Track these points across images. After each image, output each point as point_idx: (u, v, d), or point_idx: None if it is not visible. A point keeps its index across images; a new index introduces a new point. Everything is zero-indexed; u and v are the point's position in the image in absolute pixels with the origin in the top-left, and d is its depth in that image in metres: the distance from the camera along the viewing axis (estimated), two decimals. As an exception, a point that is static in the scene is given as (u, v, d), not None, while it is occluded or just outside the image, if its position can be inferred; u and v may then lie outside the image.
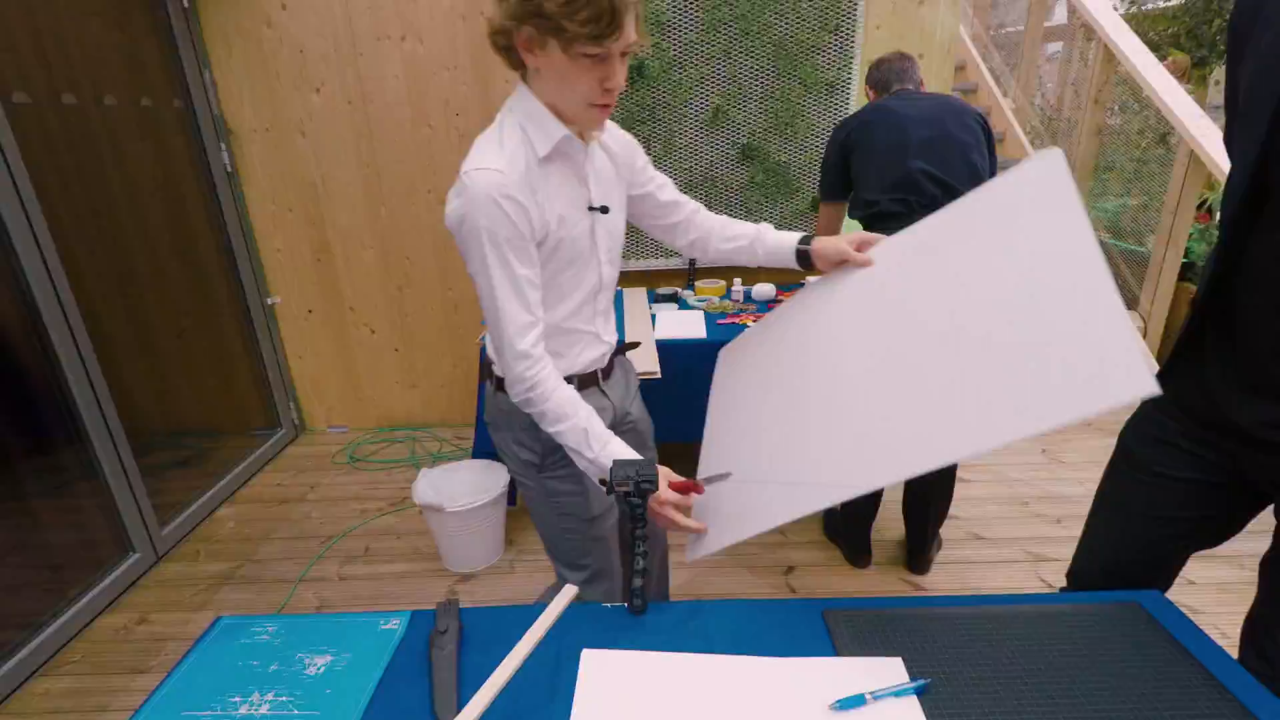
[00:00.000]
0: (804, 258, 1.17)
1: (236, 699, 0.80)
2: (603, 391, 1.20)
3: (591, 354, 1.16)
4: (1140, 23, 5.70)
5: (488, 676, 0.81)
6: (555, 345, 1.09)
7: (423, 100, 2.72)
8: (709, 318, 2.37)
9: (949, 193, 1.79)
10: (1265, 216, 0.80)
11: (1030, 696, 0.75)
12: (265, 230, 2.90)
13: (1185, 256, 3.32)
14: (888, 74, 2.01)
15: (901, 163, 1.80)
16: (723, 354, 1.39)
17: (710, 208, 1.46)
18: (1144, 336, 3.40)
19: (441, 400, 3.24)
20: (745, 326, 2.24)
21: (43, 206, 1.89)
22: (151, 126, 2.41)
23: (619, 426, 1.27)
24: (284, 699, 0.79)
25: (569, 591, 0.97)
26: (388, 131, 2.77)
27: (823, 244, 1.14)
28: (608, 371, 1.21)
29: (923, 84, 2.03)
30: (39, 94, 1.96)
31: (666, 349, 2.07)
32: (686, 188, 2.80)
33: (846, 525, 2.13)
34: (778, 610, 0.93)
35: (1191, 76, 5.29)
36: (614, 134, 1.14)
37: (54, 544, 1.96)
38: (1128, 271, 3.67)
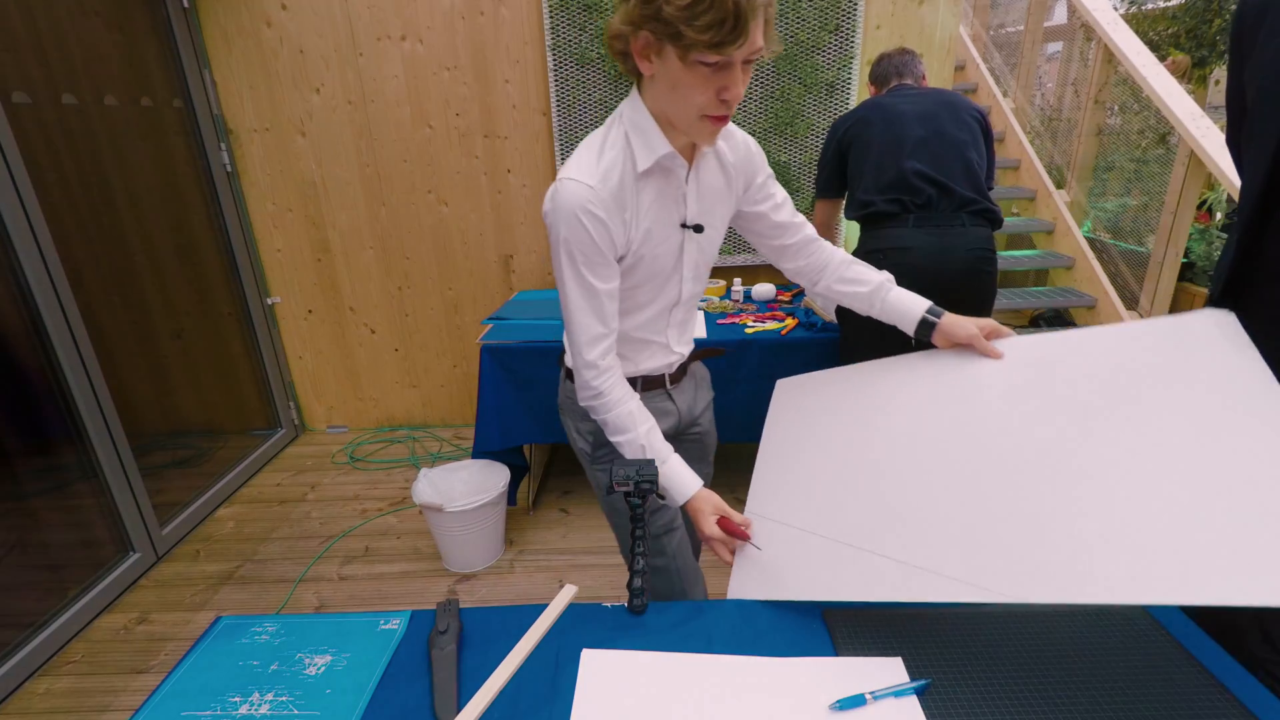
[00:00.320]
0: (924, 327, 1.10)
1: (236, 699, 0.80)
2: (669, 395, 1.20)
3: (659, 361, 1.15)
4: (1140, 23, 5.70)
5: (488, 676, 0.81)
6: (623, 350, 1.09)
7: (423, 100, 2.72)
8: (709, 317, 2.37)
9: (944, 192, 1.79)
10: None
11: (1031, 697, 0.75)
12: (265, 230, 2.90)
13: (1185, 256, 3.32)
14: (887, 69, 2.01)
15: (896, 163, 1.80)
16: (783, 385, 1.28)
17: None
18: (1144, 336, 3.39)
19: (441, 400, 3.24)
20: (745, 326, 2.24)
21: (43, 206, 1.89)
22: (151, 126, 2.41)
23: (684, 434, 1.26)
24: (284, 699, 0.79)
25: (569, 591, 0.97)
26: (388, 131, 2.77)
27: (953, 322, 1.06)
28: (676, 377, 1.20)
29: (924, 79, 2.02)
30: (39, 94, 1.96)
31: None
32: (686, 188, 2.80)
33: None
34: (778, 610, 0.93)
35: (1192, 76, 5.29)
36: (734, 143, 1.08)
37: (54, 544, 1.96)
38: (1128, 271, 3.67)
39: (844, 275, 1.17)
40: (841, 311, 2.03)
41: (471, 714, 0.76)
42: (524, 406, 2.22)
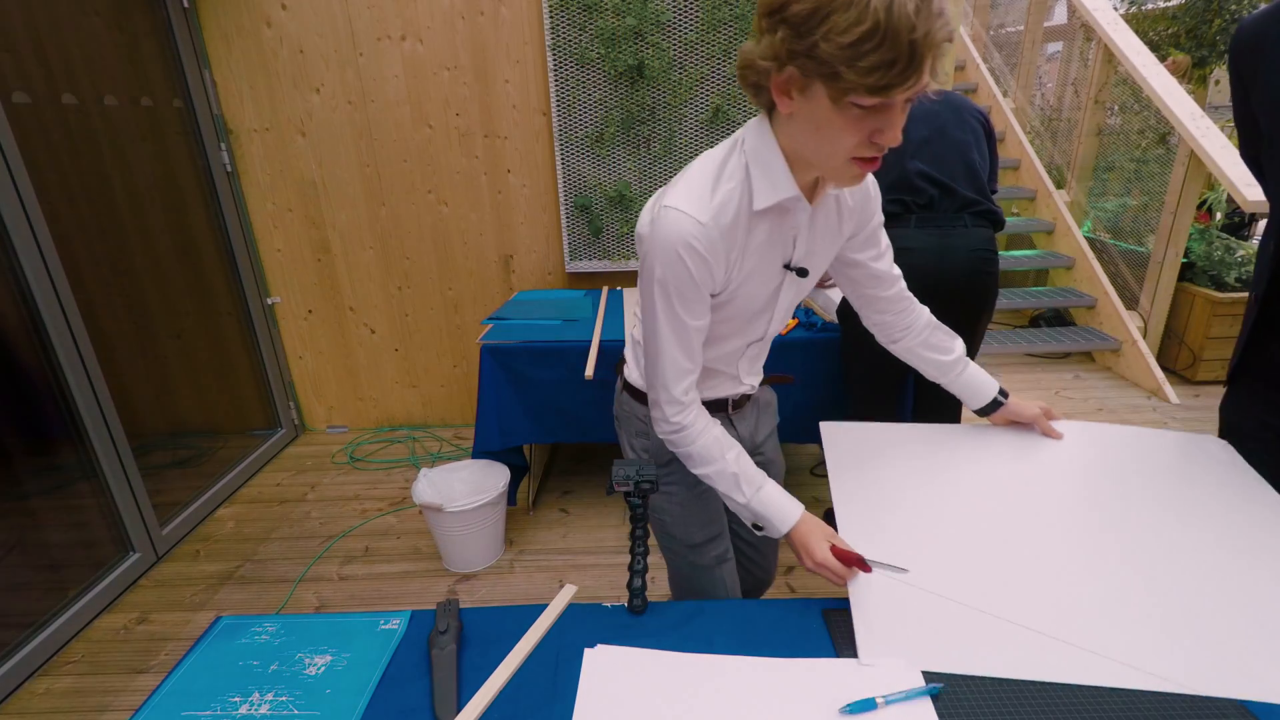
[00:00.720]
0: (992, 406, 1.14)
1: (236, 699, 0.80)
2: (730, 421, 1.16)
3: (725, 391, 1.12)
4: (1140, 23, 5.70)
5: (488, 676, 0.81)
6: None
7: (423, 100, 2.72)
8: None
9: (946, 192, 1.79)
10: None
11: (1048, 704, 0.73)
12: (265, 230, 2.90)
13: (1185, 256, 3.32)
14: None
15: (899, 163, 1.80)
16: (829, 429, 1.22)
17: None
18: (1144, 336, 3.40)
19: (441, 400, 3.24)
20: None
21: (43, 206, 1.89)
22: (151, 126, 2.41)
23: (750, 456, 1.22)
24: (284, 699, 0.79)
25: (568, 591, 0.97)
26: (388, 131, 2.77)
27: (1018, 403, 1.13)
28: (739, 403, 1.16)
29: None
30: (39, 94, 1.96)
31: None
32: (686, 188, 2.81)
33: None
34: (778, 610, 0.93)
35: (1192, 76, 5.29)
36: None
37: (54, 544, 1.96)
38: (1128, 271, 3.67)
39: (928, 340, 1.14)
40: (842, 312, 2.03)
41: (471, 714, 0.76)
42: (524, 406, 2.22)
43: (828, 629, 0.88)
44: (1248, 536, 0.92)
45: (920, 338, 1.14)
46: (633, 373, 1.13)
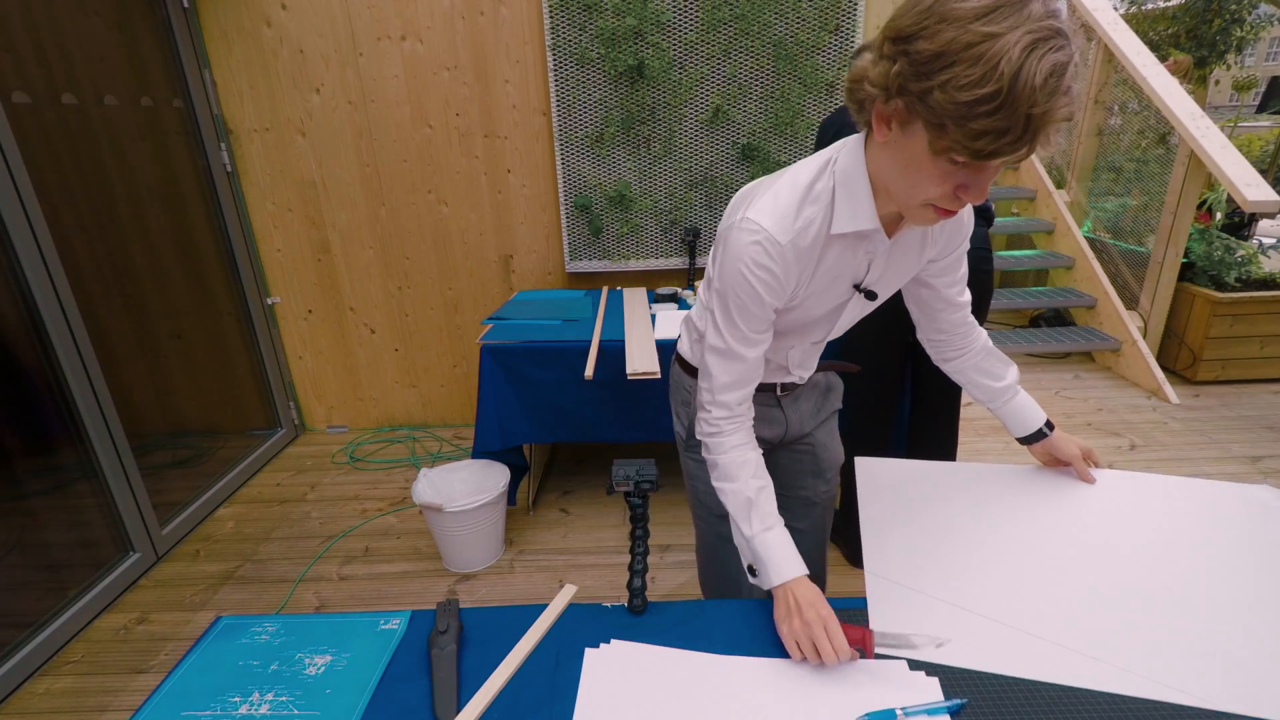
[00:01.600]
0: (1036, 437, 1.11)
1: (236, 699, 0.80)
2: (779, 403, 1.15)
3: (772, 377, 1.11)
4: (1140, 23, 5.71)
5: (488, 676, 0.81)
6: None
7: (423, 100, 2.72)
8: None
9: None
10: None
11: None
12: (265, 230, 2.90)
13: (1185, 256, 3.32)
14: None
15: None
16: (864, 464, 1.18)
17: (710, 207, 1.40)
18: (1144, 336, 3.40)
19: (441, 400, 3.24)
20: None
21: (43, 206, 1.89)
22: (151, 126, 2.41)
23: (794, 444, 1.22)
24: (284, 699, 0.79)
25: (568, 591, 0.97)
26: (388, 131, 2.77)
27: (1062, 439, 1.10)
28: (788, 387, 1.14)
29: None
30: (39, 94, 1.96)
31: (666, 349, 2.07)
32: (686, 187, 2.81)
33: (847, 526, 2.13)
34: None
35: (1192, 76, 5.29)
36: None
37: (54, 544, 1.96)
38: (1128, 271, 3.67)
39: (980, 365, 1.12)
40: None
41: (471, 714, 0.76)
42: (524, 406, 2.22)
43: (828, 629, 0.88)
44: None
45: (973, 361, 1.12)
46: (683, 345, 1.18)
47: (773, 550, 0.90)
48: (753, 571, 0.93)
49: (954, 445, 2.06)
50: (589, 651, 0.84)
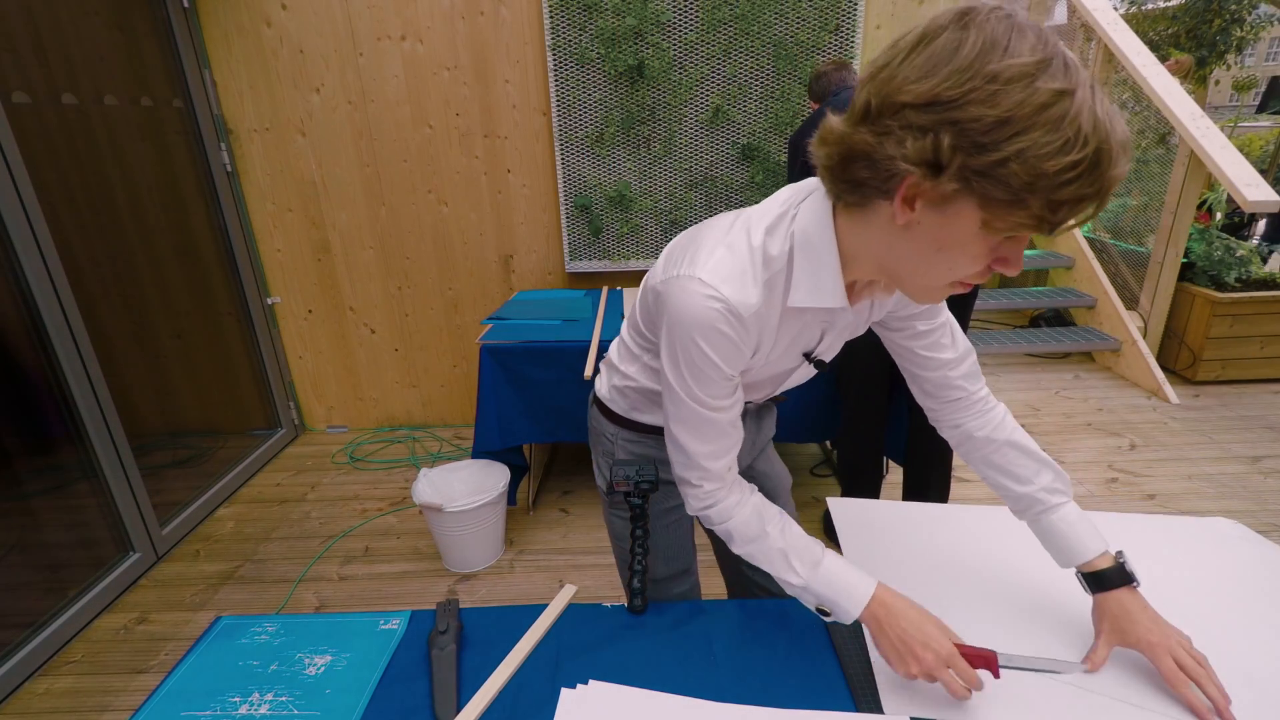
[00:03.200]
0: (1090, 580, 0.84)
1: (236, 699, 0.80)
2: None
3: None
4: (1140, 23, 5.71)
5: (488, 676, 0.81)
6: (651, 382, 0.95)
7: (423, 100, 2.72)
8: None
9: None
10: None
11: None
12: (265, 230, 2.90)
13: (1185, 256, 3.32)
14: (826, 86, 2.09)
15: None
16: (836, 504, 1.18)
17: (710, 208, 1.36)
18: (1144, 336, 3.40)
19: (441, 400, 3.24)
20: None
21: (43, 206, 1.89)
22: (151, 126, 2.41)
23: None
24: (284, 699, 0.79)
25: (568, 591, 0.97)
26: (388, 131, 2.77)
27: (1136, 615, 0.80)
28: None
29: None
30: (39, 94, 1.96)
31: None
32: (686, 187, 2.81)
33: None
34: (778, 610, 0.93)
35: (1192, 76, 5.29)
36: None
37: (54, 544, 1.96)
38: (1128, 271, 3.67)
39: (992, 458, 0.92)
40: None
41: (471, 714, 0.76)
42: (524, 406, 2.22)
43: (827, 630, 0.88)
44: None
45: (982, 451, 0.92)
46: (602, 388, 1.03)
47: (835, 581, 0.79)
48: (824, 612, 0.82)
49: (949, 448, 2.03)
50: (565, 692, 0.80)
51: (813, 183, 0.74)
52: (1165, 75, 3.18)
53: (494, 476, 2.20)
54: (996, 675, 0.73)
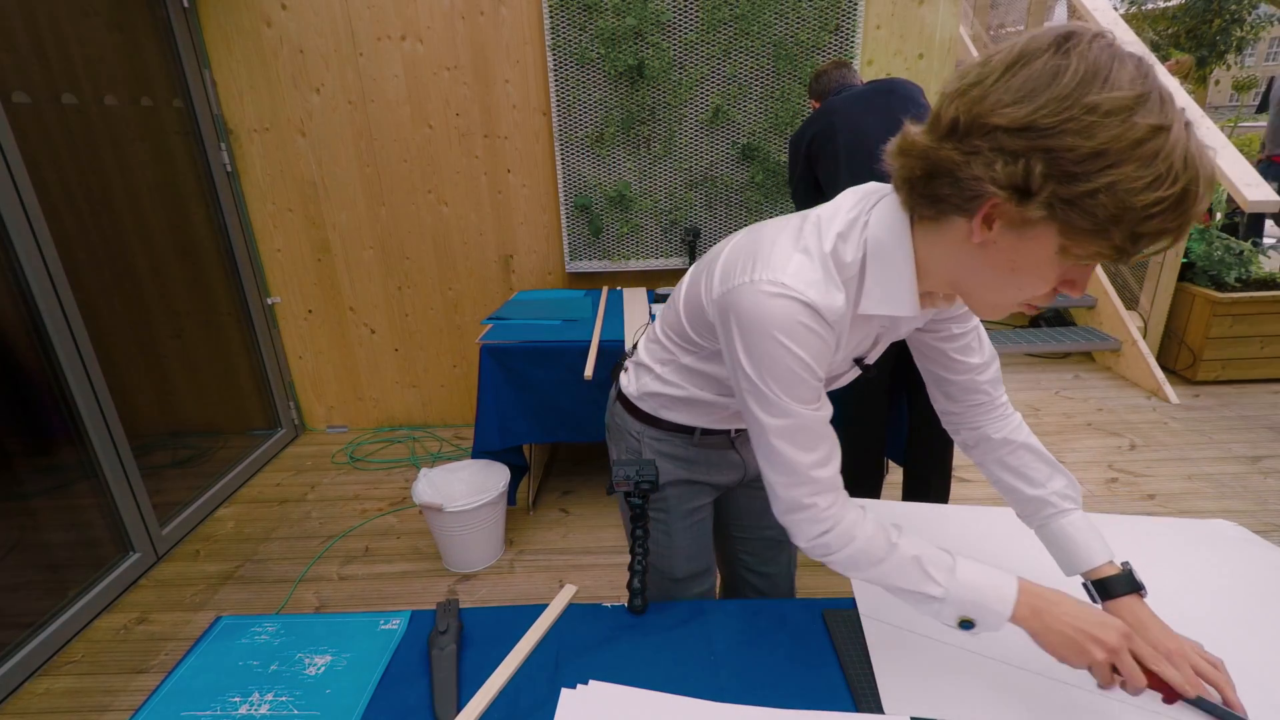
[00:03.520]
0: (1099, 587, 0.82)
1: (236, 699, 0.80)
2: (734, 447, 1.05)
3: (730, 425, 1.01)
4: (1140, 23, 5.71)
5: (488, 676, 0.81)
6: (693, 407, 0.97)
7: (423, 100, 2.72)
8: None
9: None
10: None
11: None
12: (265, 230, 2.90)
13: (1185, 256, 3.32)
14: (827, 85, 2.09)
15: (868, 167, 1.82)
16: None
17: (710, 208, 1.36)
18: (1144, 336, 3.40)
19: (441, 400, 3.24)
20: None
21: (43, 206, 1.89)
22: (151, 126, 2.41)
23: (755, 484, 1.08)
24: (284, 699, 0.79)
25: (568, 591, 0.97)
26: (388, 131, 2.77)
27: (1148, 621, 0.78)
28: (742, 430, 1.04)
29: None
30: (39, 94, 1.96)
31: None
32: (686, 187, 2.81)
33: None
34: (778, 610, 0.93)
35: (1192, 76, 5.29)
36: None
37: (54, 544, 1.96)
38: (1128, 271, 3.67)
39: (1007, 460, 0.92)
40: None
41: (471, 714, 0.76)
42: (523, 406, 2.22)
43: (827, 630, 0.88)
44: None
45: (996, 453, 0.92)
46: (629, 386, 1.03)
47: (978, 583, 0.72)
48: (967, 625, 0.73)
49: (949, 447, 2.04)
50: (565, 692, 0.80)
51: (881, 188, 0.74)
52: (1165, 75, 3.18)
53: (494, 476, 2.20)
54: (1169, 700, 0.70)
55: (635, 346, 1.08)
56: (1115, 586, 0.80)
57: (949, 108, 0.60)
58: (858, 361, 0.86)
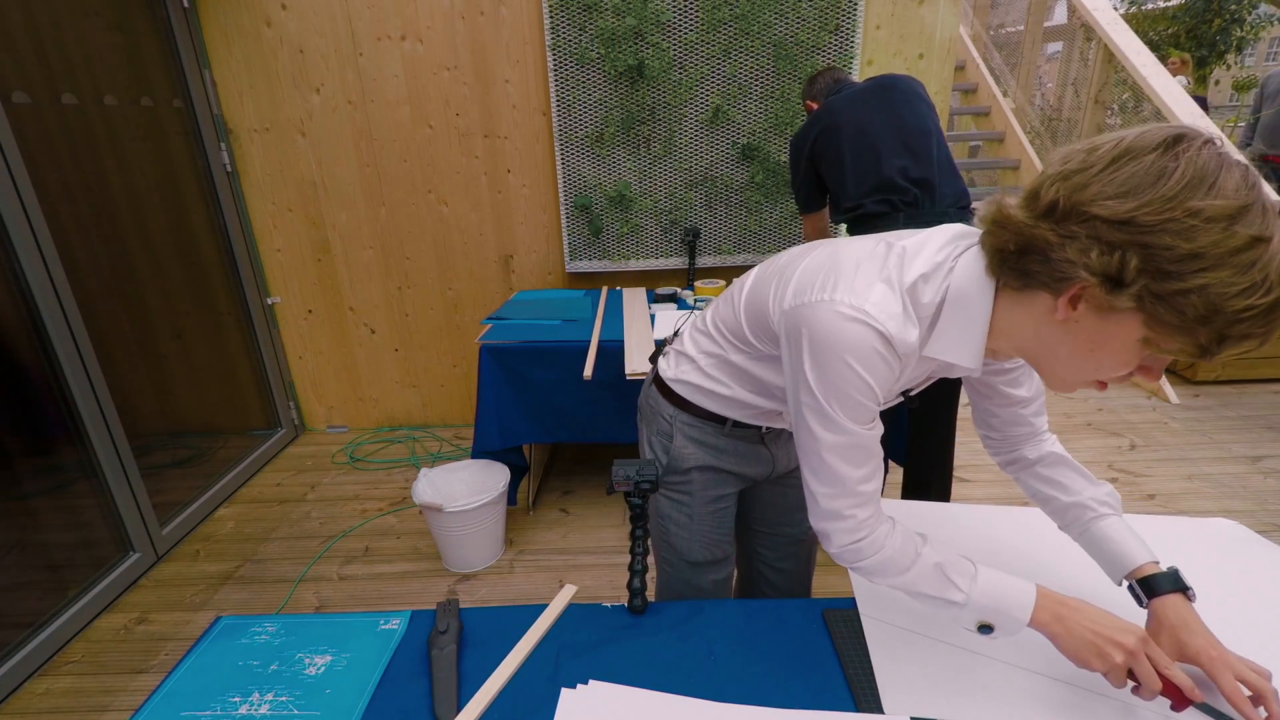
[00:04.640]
0: (1143, 586, 0.83)
1: (236, 699, 0.80)
2: (763, 441, 1.07)
3: (762, 421, 1.02)
4: (1140, 23, 5.71)
5: (488, 676, 0.81)
6: (729, 403, 0.99)
7: (423, 100, 2.72)
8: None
9: (928, 190, 1.81)
10: None
11: None
12: (265, 230, 2.90)
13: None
14: (821, 87, 2.10)
15: (876, 166, 1.82)
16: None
17: (710, 208, 1.37)
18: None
19: (441, 400, 3.24)
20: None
21: (43, 206, 1.89)
22: (151, 126, 2.41)
23: (781, 480, 1.16)
24: (284, 699, 0.79)
25: (568, 591, 0.97)
26: (388, 131, 2.77)
27: (1193, 625, 0.76)
28: (776, 428, 1.07)
29: None
30: (39, 94, 1.96)
31: (666, 349, 2.07)
32: (686, 187, 2.81)
33: None
34: (778, 610, 0.93)
35: (1192, 76, 5.29)
36: None
37: (54, 544, 1.96)
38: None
39: (1042, 473, 0.95)
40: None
41: (471, 714, 0.76)
42: (523, 406, 2.22)
43: (828, 630, 0.88)
44: None
45: (1033, 470, 0.96)
46: (668, 371, 1.05)
47: (998, 589, 0.75)
48: (986, 629, 0.76)
49: (950, 447, 2.04)
50: (565, 692, 0.80)
51: (971, 233, 0.76)
52: (1165, 75, 3.18)
53: (494, 476, 2.20)
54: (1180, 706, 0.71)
55: (677, 333, 1.10)
56: (1160, 583, 0.80)
57: (1049, 189, 0.61)
58: (904, 394, 0.88)
